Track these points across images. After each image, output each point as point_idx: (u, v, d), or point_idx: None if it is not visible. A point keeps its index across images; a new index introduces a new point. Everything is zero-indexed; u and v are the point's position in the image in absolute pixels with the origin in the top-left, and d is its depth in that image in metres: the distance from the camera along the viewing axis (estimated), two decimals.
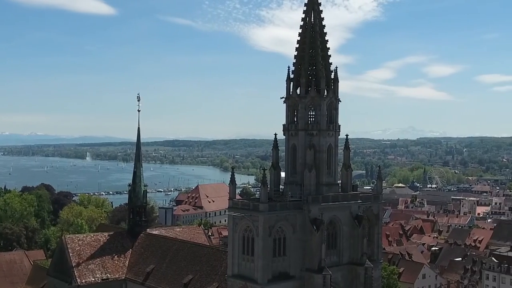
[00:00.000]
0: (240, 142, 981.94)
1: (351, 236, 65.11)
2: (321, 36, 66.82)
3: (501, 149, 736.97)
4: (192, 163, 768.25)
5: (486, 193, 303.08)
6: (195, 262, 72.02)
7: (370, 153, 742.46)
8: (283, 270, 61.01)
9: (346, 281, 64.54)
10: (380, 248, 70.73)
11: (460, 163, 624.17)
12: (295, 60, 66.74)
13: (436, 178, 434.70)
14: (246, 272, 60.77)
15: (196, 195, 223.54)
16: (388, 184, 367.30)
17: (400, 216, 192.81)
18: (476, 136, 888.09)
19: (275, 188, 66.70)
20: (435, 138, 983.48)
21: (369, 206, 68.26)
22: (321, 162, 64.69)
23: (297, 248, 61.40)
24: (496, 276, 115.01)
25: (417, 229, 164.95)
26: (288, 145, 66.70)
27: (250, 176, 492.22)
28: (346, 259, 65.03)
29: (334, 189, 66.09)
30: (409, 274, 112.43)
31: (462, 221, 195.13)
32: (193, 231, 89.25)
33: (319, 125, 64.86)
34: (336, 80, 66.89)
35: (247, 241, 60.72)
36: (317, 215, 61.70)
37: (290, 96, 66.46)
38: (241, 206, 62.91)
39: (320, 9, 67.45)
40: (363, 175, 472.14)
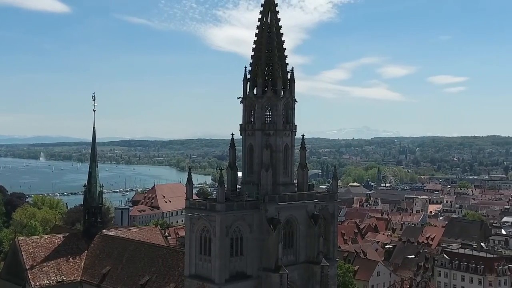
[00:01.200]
0: (197, 142, 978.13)
1: (308, 235, 65.80)
2: (278, 36, 67.31)
3: (452, 148, 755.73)
4: (149, 163, 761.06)
5: (437, 192, 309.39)
6: (152, 263, 71.58)
7: (326, 152, 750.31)
8: (240, 270, 61.26)
9: (302, 280, 65.20)
10: (335, 247, 71.77)
11: (412, 162, 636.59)
12: (252, 60, 67.03)
13: (389, 177, 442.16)
14: (203, 272, 60.78)
15: (152, 195, 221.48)
16: (343, 183, 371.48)
17: (355, 214, 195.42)
18: (428, 136, 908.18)
19: (232, 188, 66.94)
20: (389, 137, 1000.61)
21: (325, 205, 69.13)
22: (278, 162, 65.18)
23: (254, 247, 61.72)
24: (447, 273, 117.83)
25: (371, 227, 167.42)
26: (245, 145, 66.95)
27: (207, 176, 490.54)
28: (303, 258, 65.68)
29: (290, 188, 66.69)
30: (364, 272, 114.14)
31: (415, 219, 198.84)
32: (150, 232, 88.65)
33: (276, 125, 65.36)
34: (292, 80, 67.50)
35: (204, 241, 60.74)
36: (273, 214, 62.14)
37: (247, 96, 66.74)
38: (198, 206, 62.92)
39: (276, 9, 67.96)
40: (319, 175, 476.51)
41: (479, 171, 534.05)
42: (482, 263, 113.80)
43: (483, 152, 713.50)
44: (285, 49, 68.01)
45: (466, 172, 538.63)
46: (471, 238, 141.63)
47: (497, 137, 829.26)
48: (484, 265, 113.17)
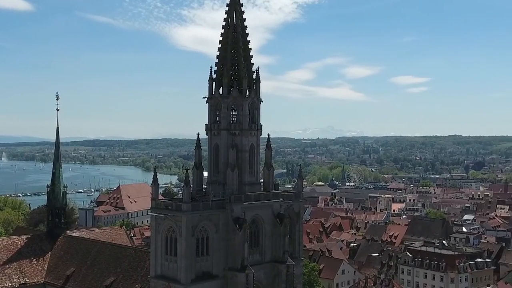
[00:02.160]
0: (162, 141, 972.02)
1: (273, 234, 66.10)
2: (243, 36, 67.46)
3: (415, 148, 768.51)
4: (114, 163, 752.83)
5: (400, 191, 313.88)
6: (117, 263, 70.95)
7: (291, 152, 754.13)
8: (206, 270, 61.20)
9: (268, 279, 65.46)
10: (301, 246, 72.23)
11: (376, 162, 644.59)
12: (217, 60, 67.03)
13: (354, 176, 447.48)
14: (169, 272, 60.57)
15: (117, 195, 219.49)
16: (309, 182, 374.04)
17: (320, 213, 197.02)
18: (391, 136, 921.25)
19: (198, 188, 66.81)
20: (353, 137, 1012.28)
21: (290, 204, 69.53)
22: (244, 162, 65.36)
23: (220, 247, 61.76)
24: (410, 270, 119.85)
25: (336, 226, 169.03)
26: (210, 144, 66.93)
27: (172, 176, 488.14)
28: (268, 257, 65.94)
29: (256, 188, 66.92)
30: (329, 270, 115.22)
31: (378, 217, 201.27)
32: (115, 232, 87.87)
33: (241, 124, 65.51)
34: (257, 80, 67.74)
35: (170, 241, 60.54)
36: (239, 214, 62.30)
37: (213, 96, 66.74)
38: (163, 206, 62.66)
39: (241, 9, 68.05)
40: (284, 174, 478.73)
41: (440, 170, 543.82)
42: (443, 260, 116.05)
43: (445, 152, 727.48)
44: (251, 49, 68.20)
45: (428, 171, 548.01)
46: (433, 236, 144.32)
47: (458, 137, 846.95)
48: (446, 262, 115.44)
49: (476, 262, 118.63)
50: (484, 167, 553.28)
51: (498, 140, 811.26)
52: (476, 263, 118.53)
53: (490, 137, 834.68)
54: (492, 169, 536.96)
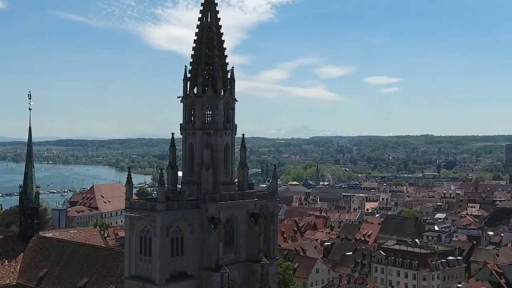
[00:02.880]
0: (137, 141, 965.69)
1: (248, 233, 66.29)
2: (218, 36, 67.52)
3: (387, 147, 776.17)
4: (87, 163, 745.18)
5: (374, 190, 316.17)
6: (90, 264, 70.42)
7: (266, 152, 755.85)
8: (181, 270, 61.13)
9: (243, 278, 65.62)
10: (275, 245, 72.53)
11: (350, 161, 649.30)
12: (192, 59, 67.01)
13: (328, 175, 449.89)
14: (143, 273, 60.34)
15: (91, 195, 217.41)
16: (283, 182, 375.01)
17: (294, 213, 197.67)
18: (365, 135, 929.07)
19: (172, 188, 66.69)
20: (327, 137, 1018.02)
21: (265, 204, 69.78)
22: (218, 161, 65.43)
23: (195, 247, 61.73)
24: (383, 268, 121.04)
25: (310, 225, 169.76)
26: (185, 144, 66.86)
27: (147, 175, 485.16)
28: (243, 257, 66.10)
29: (231, 187, 67.04)
30: (303, 269, 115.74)
31: (352, 216, 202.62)
32: (89, 233, 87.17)
33: (216, 124, 65.59)
34: (232, 80, 67.90)
35: (145, 241, 60.32)
36: (214, 214, 62.33)
37: (187, 96, 66.69)
38: (138, 206, 62.41)
39: (216, 9, 68.15)
40: (259, 174, 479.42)
41: (413, 169, 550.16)
42: (416, 258, 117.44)
43: (417, 151, 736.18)
44: (225, 48, 68.31)
45: (401, 170, 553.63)
46: (406, 234, 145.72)
47: (430, 136, 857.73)
48: (418, 260, 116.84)
49: (447, 260, 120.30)
50: (455, 166, 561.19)
51: (469, 139, 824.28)
52: (448, 261, 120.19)
53: (461, 136, 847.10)
54: (463, 168, 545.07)
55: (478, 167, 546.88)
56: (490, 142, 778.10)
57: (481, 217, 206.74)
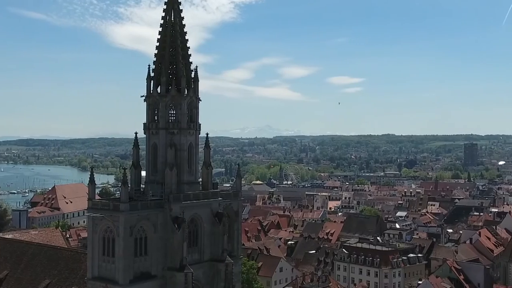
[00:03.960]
0: (99, 140, 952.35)
1: (212, 233, 66.34)
2: (181, 35, 67.37)
3: (350, 146, 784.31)
4: (48, 163, 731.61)
5: (336, 189, 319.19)
6: (52, 265, 69.43)
7: (229, 151, 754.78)
8: (145, 270, 60.79)
9: (207, 278, 65.66)
10: (239, 244, 72.83)
11: (313, 160, 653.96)
12: (155, 58, 66.75)
13: (291, 174, 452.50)
14: (106, 273, 59.80)
15: (52, 196, 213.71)
16: (247, 181, 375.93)
17: (258, 212, 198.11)
18: (328, 135, 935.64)
19: (136, 187, 66.33)
20: (290, 136, 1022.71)
21: (229, 203, 69.97)
22: (182, 161, 65.31)
23: (158, 247, 61.47)
24: (346, 266, 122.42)
25: (274, 224, 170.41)
26: (148, 143, 66.54)
27: (109, 175, 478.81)
28: (207, 256, 66.14)
29: (195, 187, 66.99)
30: (267, 268, 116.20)
31: (315, 215, 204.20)
32: (50, 234, 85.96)
33: (180, 123, 65.47)
34: (196, 79, 67.82)
35: (108, 242, 59.80)
36: (178, 213, 62.20)
37: (151, 95, 66.40)
38: (101, 207, 61.82)
39: (180, 8, 68.03)
40: (223, 173, 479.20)
41: (375, 168, 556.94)
42: (378, 256, 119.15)
43: (379, 150, 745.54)
44: (189, 48, 68.23)
45: (363, 169, 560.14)
46: (368, 232, 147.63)
47: (391, 136, 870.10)
48: (380, 258, 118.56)
49: (408, 257, 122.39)
50: (415, 165, 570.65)
51: (429, 139, 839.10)
52: (409, 258, 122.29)
53: (421, 136, 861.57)
54: (423, 167, 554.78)
55: (437, 166, 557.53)
56: (449, 142, 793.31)
57: (441, 215, 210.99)
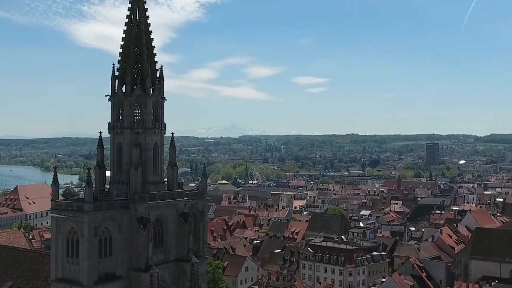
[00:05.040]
0: (62, 140, 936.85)
1: (178, 233, 66.23)
2: (146, 34, 67.10)
3: (314, 146, 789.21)
4: (10, 163, 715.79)
5: (301, 188, 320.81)
6: (15, 267, 68.36)
7: (195, 151, 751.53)
8: (110, 271, 60.38)
9: (173, 278, 65.52)
10: (205, 244, 72.89)
11: (278, 160, 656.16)
12: (120, 57, 66.33)
13: (256, 174, 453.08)
14: (70, 275, 59.18)
15: (15, 196, 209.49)
16: (212, 181, 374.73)
17: (224, 211, 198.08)
18: (293, 134, 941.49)
19: (100, 188, 65.76)
20: (256, 136, 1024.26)
21: (194, 203, 69.95)
22: (147, 161, 65.01)
23: (124, 247, 61.09)
24: (311, 265, 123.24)
25: (239, 223, 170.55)
26: (113, 143, 66.05)
27: (73, 175, 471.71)
28: (173, 256, 66.00)
29: (160, 187, 66.75)
30: (233, 268, 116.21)
31: (280, 214, 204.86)
32: (12, 235, 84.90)
33: (145, 123, 65.19)
34: (161, 78, 67.65)
35: (72, 243, 59.19)
36: (143, 213, 61.92)
37: (116, 94, 65.92)
38: (64, 207, 61.19)
39: (145, 7, 67.70)
40: (188, 173, 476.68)
41: (339, 168, 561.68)
42: (342, 254, 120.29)
43: (343, 150, 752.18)
44: (154, 47, 68.02)
45: (328, 168, 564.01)
46: (332, 231, 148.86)
47: (355, 136, 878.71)
48: (345, 256, 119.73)
49: (372, 255, 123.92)
50: (379, 164, 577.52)
51: (392, 138, 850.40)
52: (373, 256, 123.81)
53: (384, 135, 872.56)
54: (386, 166, 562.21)
55: (400, 165, 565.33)
56: (411, 141, 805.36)
57: (403, 213, 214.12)
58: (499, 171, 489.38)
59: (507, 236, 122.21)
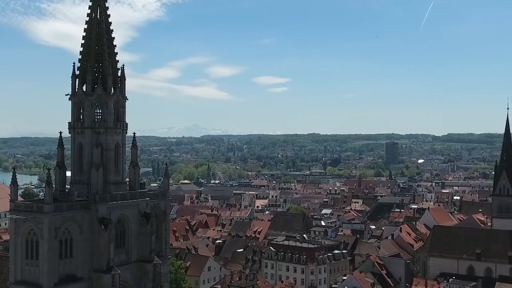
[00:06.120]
0: (21, 140, 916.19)
1: (140, 233, 65.83)
2: (108, 33, 66.51)
3: (276, 146, 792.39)
4: None
5: (264, 187, 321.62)
6: None
7: (157, 150, 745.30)
8: (70, 273, 59.69)
9: (135, 279, 65.10)
10: (168, 244, 72.58)
11: (240, 159, 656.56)
12: (81, 56, 65.60)
13: (219, 174, 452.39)
14: (30, 277, 58.29)
15: None
16: (174, 181, 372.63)
17: (186, 211, 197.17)
18: (255, 134, 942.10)
19: (60, 188, 64.91)
20: (218, 135, 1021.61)
21: (157, 203, 69.62)
22: (109, 161, 64.43)
23: (85, 249, 60.43)
24: (273, 264, 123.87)
25: (202, 223, 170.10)
26: (74, 143, 65.28)
27: (33, 176, 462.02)
28: (135, 257, 65.58)
29: (122, 187, 66.23)
30: (195, 268, 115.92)
31: (243, 214, 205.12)
32: None
33: (106, 123, 64.62)
34: (123, 78, 67.14)
35: (31, 244, 58.29)
36: (105, 214, 61.37)
37: (76, 93, 65.16)
38: (23, 208, 60.24)
39: (106, 5, 67.08)
40: (150, 173, 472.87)
41: (301, 167, 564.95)
42: (304, 253, 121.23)
43: (304, 149, 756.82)
44: (115, 46, 67.51)
45: (289, 168, 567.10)
46: (294, 230, 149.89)
47: (316, 135, 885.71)
48: (306, 255, 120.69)
49: (334, 253, 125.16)
50: (340, 163, 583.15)
51: (352, 138, 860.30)
52: (334, 254, 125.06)
53: (345, 135, 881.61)
54: (347, 165, 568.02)
55: (361, 165, 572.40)
56: (371, 141, 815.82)
57: (364, 211, 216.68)
58: (456, 169, 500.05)
59: (464, 234, 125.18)
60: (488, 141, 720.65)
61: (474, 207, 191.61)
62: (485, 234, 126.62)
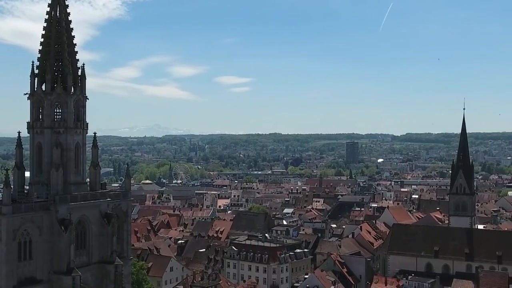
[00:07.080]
0: None
1: (101, 234, 65.24)
2: (67, 31, 65.74)
3: (238, 145, 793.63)
4: None
5: (226, 187, 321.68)
6: None
7: (118, 150, 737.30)
8: (30, 275, 58.82)
9: (96, 280, 64.50)
10: (129, 245, 72.07)
11: (202, 159, 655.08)
12: (40, 55, 64.66)
13: (181, 173, 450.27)
14: None
15: None
16: (136, 181, 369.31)
17: (148, 212, 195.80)
18: (217, 134, 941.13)
19: (19, 189, 63.84)
20: (180, 135, 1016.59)
21: (118, 203, 69.10)
22: (69, 161, 63.69)
23: (44, 250, 59.59)
24: (236, 263, 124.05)
25: (164, 224, 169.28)
26: (33, 143, 64.33)
27: None
28: (96, 258, 64.97)
29: (82, 188, 65.53)
30: (157, 268, 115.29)
31: (205, 214, 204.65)
32: None
33: (66, 122, 63.87)
34: (83, 77, 66.43)
35: None
36: (65, 215, 60.63)
37: (35, 93, 64.21)
38: None
39: (65, 3, 66.30)
40: (111, 173, 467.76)
41: (262, 167, 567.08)
42: (266, 252, 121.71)
43: (266, 149, 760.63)
44: (75, 44, 66.75)
45: (251, 167, 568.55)
46: (256, 229, 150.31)
47: (278, 135, 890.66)
48: (268, 254, 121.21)
49: (295, 252, 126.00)
50: (301, 163, 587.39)
51: (314, 138, 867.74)
52: (296, 253, 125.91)
53: (306, 135, 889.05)
54: (308, 165, 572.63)
55: (322, 164, 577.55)
56: (332, 140, 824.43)
57: (325, 210, 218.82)
58: (415, 169, 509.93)
59: (422, 231, 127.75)
60: (446, 140, 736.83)
61: (432, 206, 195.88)
62: (443, 231, 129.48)
